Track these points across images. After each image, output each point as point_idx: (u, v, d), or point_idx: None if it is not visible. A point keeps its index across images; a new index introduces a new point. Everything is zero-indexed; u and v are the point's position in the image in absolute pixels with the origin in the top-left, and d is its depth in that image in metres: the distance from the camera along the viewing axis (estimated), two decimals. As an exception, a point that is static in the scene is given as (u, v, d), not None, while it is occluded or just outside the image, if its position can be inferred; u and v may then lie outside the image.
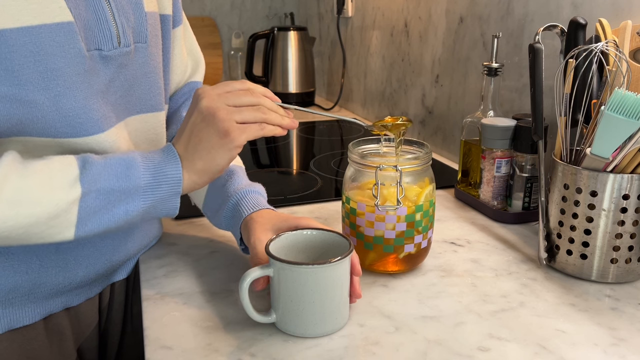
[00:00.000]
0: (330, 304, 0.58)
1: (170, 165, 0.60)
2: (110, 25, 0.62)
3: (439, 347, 0.57)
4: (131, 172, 0.58)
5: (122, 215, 0.58)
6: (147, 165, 0.59)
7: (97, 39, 0.61)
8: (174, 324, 0.61)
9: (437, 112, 1.27)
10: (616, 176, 0.65)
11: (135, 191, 0.58)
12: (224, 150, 0.59)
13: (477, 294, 0.67)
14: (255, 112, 0.60)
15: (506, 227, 0.86)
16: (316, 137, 1.49)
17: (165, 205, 0.60)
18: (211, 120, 0.59)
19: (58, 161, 0.56)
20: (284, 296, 0.58)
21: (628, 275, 0.69)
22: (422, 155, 0.69)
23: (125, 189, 0.57)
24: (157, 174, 0.59)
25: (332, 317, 0.59)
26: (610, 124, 0.63)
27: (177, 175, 0.59)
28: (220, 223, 0.75)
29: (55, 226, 0.55)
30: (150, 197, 0.59)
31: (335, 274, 0.58)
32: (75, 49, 0.58)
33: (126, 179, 0.57)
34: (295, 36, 1.79)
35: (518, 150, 0.85)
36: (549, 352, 0.56)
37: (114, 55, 0.63)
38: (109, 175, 0.57)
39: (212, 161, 0.60)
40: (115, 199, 0.57)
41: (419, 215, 0.68)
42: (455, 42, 1.18)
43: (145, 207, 0.59)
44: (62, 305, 0.69)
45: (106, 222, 0.58)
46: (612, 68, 0.69)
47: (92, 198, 0.56)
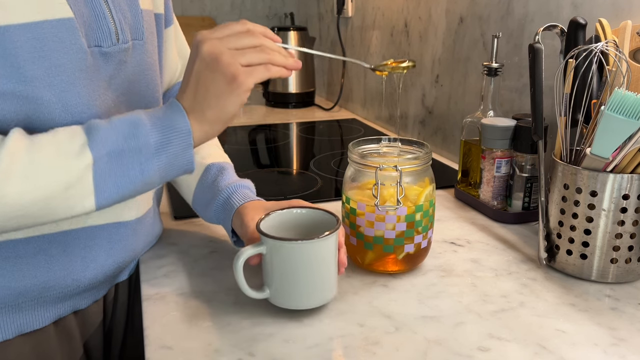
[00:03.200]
0: (321, 277, 0.61)
1: (176, 118, 0.58)
2: (109, 22, 0.62)
3: (439, 347, 0.57)
4: (138, 130, 0.56)
5: (138, 176, 0.56)
6: (154, 123, 0.57)
7: (97, 36, 0.61)
8: (174, 324, 0.61)
9: (437, 112, 1.27)
10: (616, 176, 0.65)
11: (147, 149, 0.56)
12: (233, 96, 0.57)
13: (477, 294, 0.67)
14: (259, 54, 0.58)
15: (506, 227, 0.86)
16: (316, 137, 1.49)
17: (180, 160, 0.59)
18: (216, 66, 0.57)
19: (63, 131, 0.55)
20: (276, 272, 0.60)
21: (628, 275, 0.69)
22: (422, 155, 0.69)
23: (135, 149, 0.56)
24: (165, 129, 0.57)
25: (323, 289, 0.62)
26: (610, 124, 0.63)
27: (185, 128, 0.57)
28: (211, 217, 0.76)
29: (74, 196, 0.54)
30: (163, 155, 0.57)
31: (324, 248, 0.60)
32: (77, 45, 0.58)
33: (134, 138, 0.56)
34: (295, 36, 1.79)
35: (518, 150, 0.85)
36: (549, 352, 0.56)
37: (114, 52, 0.63)
38: (117, 136, 0.55)
39: (223, 108, 0.58)
40: (128, 160, 0.56)
41: (419, 215, 0.68)
42: (455, 42, 1.18)
43: (160, 166, 0.57)
44: (71, 309, 0.69)
45: (124, 185, 0.56)
46: (612, 68, 0.69)
47: (104, 162, 0.54)
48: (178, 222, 0.88)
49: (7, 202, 0.51)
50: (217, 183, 0.76)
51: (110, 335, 0.77)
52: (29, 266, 0.61)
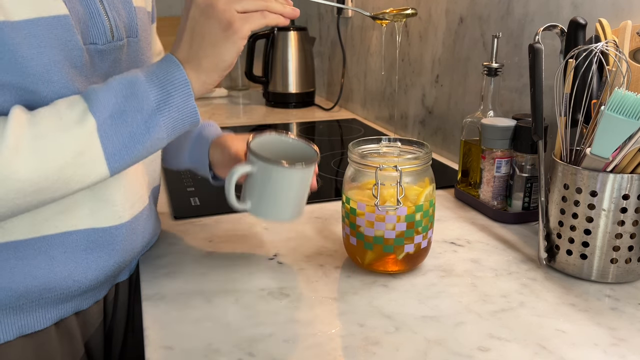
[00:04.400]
0: (298, 198, 0.70)
1: (172, 71, 0.57)
2: (103, 20, 0.62)
3: (439, 347, 0.57)
4: (136, 89, 0.56)
5: (144, 134, 0.57)
6: (150, 79, 0.57)
7: (92, 33, 0.61)
8: (174, 324, 0.61)
9: (437, 112, 1.27)
10: (616, 176, 0.65)
11: (148, 106, 0.56)
12: (229, 44, 0.57)
13: (477, 294, 0.67)
14: (255, 0, 0.58)
15: (506, 227, 0.86)
16: (316, 137, 1.48)
17: (183, 112, 0.58)
18: (211, 13, 0.56)
19: (63, 102, 0.55)
20: (260, 189, 0.68)
21: (628, 275, 0.69)
22: (422, 155, 0.69)
23: (137, 107, 0.56)
24: (162, 83, 0.57)
25: (299, 207, 0.71)
26: (610, 124, 0.63)
27: (182, 78, 0.57)
28: (184, 159, 0.80)
29: (85, 164, 0.54)
30: (165, 109, 0.57)
31: (306, 174, 0.69)
32: (72, 42, 0.58)
33: (134, 97, 0.56)
34: (295, 36, 1.79)
35: (518, 150, 0.85)
36: (549, 352, 0.56)
37: (109, 49, 0.63)
38: (116, 98, 0.55)
39: (219, 56, 0.58)
40: (132, 119, 0.56)
41: (419, 215, 0.68)
42: (455, 42, 1.18)
43: (165, 121, 0.57)
44: (73, 310, 0.68)
45: (133, 145, 0.56)
46: (612, 68, 0.69)
47: (108, 125, 0.55)
48: (178, 222, 0.88)
49: (20, 179, 0.51)
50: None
51: (111, 335, 0.77)
52: (30, 268, 0.61)
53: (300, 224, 0.87)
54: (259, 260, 0.75)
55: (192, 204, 0.95)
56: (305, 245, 0.80)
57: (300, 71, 1.81)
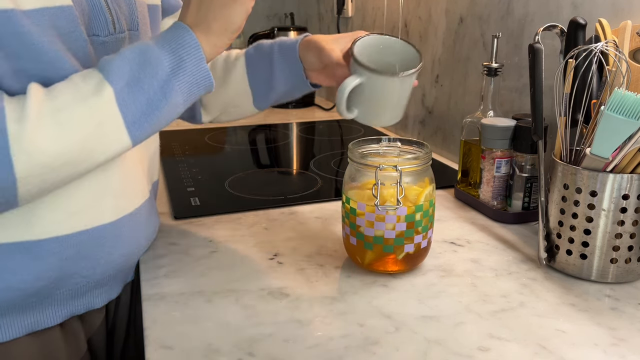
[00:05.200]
0: (406, 100, 0.72)
1: (182, 35, 0.58)
2: (105, 12, 0.62)
3: (439, 347, 0.57)
4: (149, 56, 0.57)
5: (162, 99, 0.57)
6: (162, 45, 0.58)
7: (94, 25, 0.61)
8: (174, 324, 0.61)
9: (437, 112, 1.27)
10: (616, 176, 0.65)
11: (162, 72, 0.57)
12: (237, 5, 0.58)
13: (477, 294, 0.67)
14: None
15: (506, 227, 0.86)
16: (316, 137, 1.48)
17: (197, 76, 0.59)
18: None
19: (78, 75, 0.56)
20: (369, 97, 0.69)
21: (628, 275, 0.69)
22: (422, 155, 0.69)
23: (152, 73, 0.56)
24: (174, 49, 0.58)
25: (403, 109, 0.73)
26: (610, 124, 0.63)
27: (193, 42, 0.58)
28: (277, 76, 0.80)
29: (107, 134, 0.55)
30: (180, 73, 0.58)
31: (414, 78, 0.70)
32: (76, 33, 0.58)
33: (148, 64, 0.56)
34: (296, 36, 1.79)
35: (518, 150, 0.86)
36: (549, 352, 0.56)
37: (111, 42, 0.63)
38: (131, 66, 0.56)
39: (228, 19, 0.59)
40: (148, 86, 0.56)
41: (418, 215, 0.68)
42: (455, 42, 1.18)
43: (180, 86, 0.58)
44: (84, 308, 0.68)
45: (151, 112, 0.57)
46: (612, 68, 0.69)
47: (126, 93, 0.55)
48: (178, 222, 0.88)
49: (44, 151, 0.51)
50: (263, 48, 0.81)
51: (113, 333, 0.77)
52: (43, 268, 0.61)
53: (300, 224, 0.87)
54: (259, 260, 0.75)
55: (192, 204, 0.95)
56: (305, 245, 0.80)
57: (300, 71, 1.81)
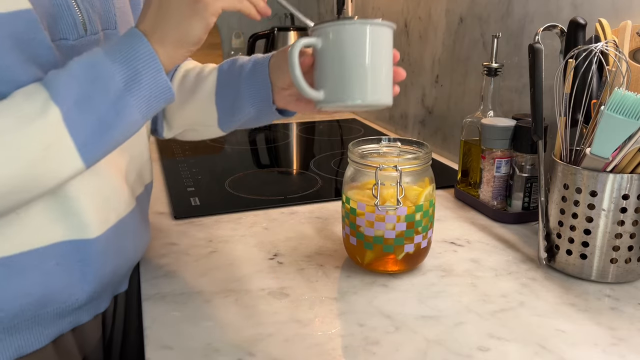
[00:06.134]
0: (380, 69, 0.56)
1: (136, 45, 0.52)
2: (74, 12, 0.57)
3: (438, 347, 0.57)
4: (99, 69, 0.51)
5: (115, 118, 0.51)
6: (113, 57, 0.52)
7: (61, 28, 0.56)
8: (174, 324, 0.61)
9: (437, 112, 1.27)
10: (616, 176, 0.65)
11: (115, 87, 0.51)
12: (197, 19, 0.52)
13: (477, 294, 0.67)
14: None
15: (506, 227, 0.86)
16: (316, 137, 1.48)
17: (155, 89, 0.53)
18: None
19: (20, 93, 0.50)
20: (332, 62, 0.55)
21: (628, 275, 0.69)
22: (422, 155, 0.69)
23: (103, 90, 0.51)
24: (127, 60, 0.52)
25: (383, 84, 0.56)
26: (610, 124, 0.63)
27: (148, 52, 0.52)
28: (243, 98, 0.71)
29: (56, 157, 0.50)
30: (135, 88, 0.52)
31: (384, 36, 0.56)
32: (37, 40, 0.52)
33: (98, 79, 0.51)
34: (295, 36, 1.79)
35: (518, 150, 0.86)
36: (548, 352, 0.56)
37: (82, 45, 0.58)
38: (80, 82, 0.50)
39: (186, 31, 0.53)
40: (99, 103, 0.51)
41: (418, 215, 0.68)
42: (455, 42, 1.18)
43: (136, 102, 0.52)
44: (71, 325, 0.64)
45: (105, 131, 0.52)
46: (612, 68, 0.69)
47: (75, 112, 0.50)
48: (178, 222, 0.88)
49: None
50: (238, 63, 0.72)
51: (110, 346, 0.74)
52: (23, 284, 0.57)
53: (300, 224, 0.87)
54: (259, 260, 0.75)
55: (192, 204, 0.95)
56: (305, 245, 0.80)
57: (300, 71, 1.81)
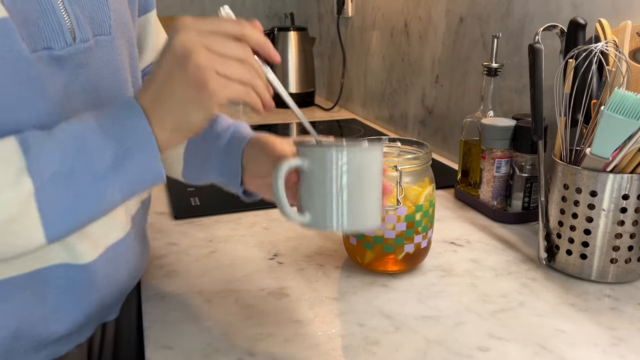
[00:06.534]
0: (368, 194, 0.53)
1: (134, 121, 0.47)
2: (60, 17, 0.50)
3: (439, 347, 0.57)
4: (89, 141, 0.45)
5: (93, 200, 0.46)
6: (107, 130, 0.46)
7: (45, 36, 0.49)
8: (174, 324, 0.61)
9: (437, 112, 1.27)
10: (616, 176, 0.65)
11: (101, 166, 0.45)
12: (199, 107, 0.47)
13: (477, 294, 0.67)
14: (243, 70, 0.47)
15: (506, 227, 0.86)
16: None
17: (145, 172, 0.48)
18: (185, 64, 0.45)
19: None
20: (320, 189, 0.51)
21: (628, 275, 0.69)
22: (422, 155, 0.69)
23: (87, 166, 0.45)
24: (121, 136, 0.46)
25: (370, 208, 0.53)
26: (610, 124, 0.63)
27: (145, 133, 0.47)
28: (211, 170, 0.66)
29: (18, 232, 0.44)
30: (122, 170, 0.46)
31: (372, 160, 0.53)
32: (13, 53, 0.46)
33: (86, 151, 0.45)
34: (295, 36, 1.79)
35: (518, 150, 0.86)
36: (548, 351, 0.56)
37: (69, 54, 0.51)
38: (62, 154, 0.45)
39: (184, 118, 0.47)
40: (79, 182, 0.45)
41: (418, 215, 0.68)
42: (455, 42, 1.18)
43: (121, 184, 0.47)
44: (48, 358, 0.57)
45: (78, 212, 0.46)
46: (612, 68, 0.69)
47: (49, 188, 0.44)
48: (178, 222, 0.88)
49: None
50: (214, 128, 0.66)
51: None
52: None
53: (300, 224, 0.87)
54: (259, 260, 0.75)
55: (192, 204, 0.95)
56: (305, 245, 0.80)
57: (300, 71, 1.81)
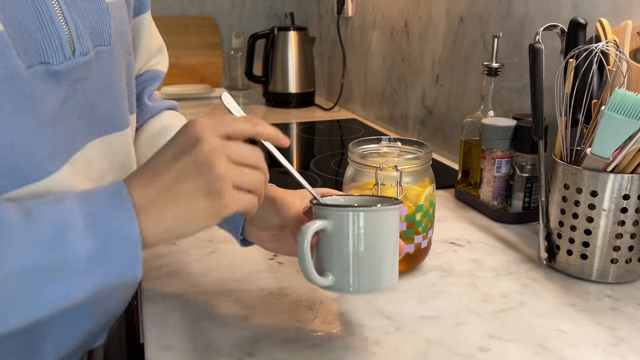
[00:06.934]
0: (388, 253, 0.52)
1: (122, 222, 0.43)
2: (59, 28, 0.46)
3: (439, 347, 0.57)
4: (68, 238, 0.41)
5: (59, 299, 0.42)
6: (89, 223, 0.42)
7: (42, 50, 0.45)
8: (174, 324, 0.61)
9: (437, 112, 1.27)
10: (616, 176, 0.65)
11: (74, 264, 0.41)
12: (207, 215, 0.46)
13: (477, 294, 0.67)
14: (255, 180, 0.47)
15: (506, 227, 0.86)
16: (316, 137, 1.48)
17: (121, 277, 0.44)
18: (206, 174, 0.44)
19: None
20: (341, 249, 0.51)
21: (628, 275, 0.69)
22: (422, 155, 0.69)
23: (59, 265, 0.41)
24: (103, 234, 0.42)
25: (390, 268, 0.53)
26: (611, 124, 0.63)
27: (132, 238, 0.43)
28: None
29: None
30: (98, 271, 0.42)
31: (393, 220, 0.53)
32: (7, 70, 0.42)
33: (60, 249, 0.41)
34: (295, 36, 1.79)
35: (518, 150, 0.85)
36: (549, 352, 0.56)
37: (67, 69, 0.47)
38: (35, 246, 0.40)
39: (189, 222, 0.46)
40: (46, 279, 0.41)
41: (419, 216, 0.68)
42: (456, 42, 1.18)
43: (91, 283, 0.43)
44: None
45: (39, 309, 0.42)
46: (613, 68, 0.69)
47: (12, 281, 0.40)
48: (178, 222, 0.88)
49: None
50: None
51: None
52: None
53: (300, 224, 0.87)
54: (259, 260, 0.75)
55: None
56: (305, 245, 0.80)
57: (300, 71, 1.81)
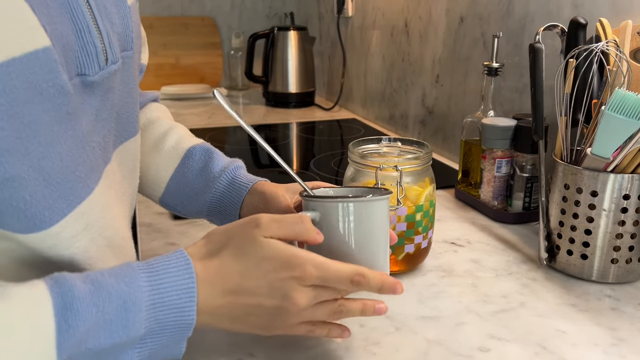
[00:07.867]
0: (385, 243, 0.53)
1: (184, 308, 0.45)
2: (94, 37, 0.44)
3: (439, 347, 0.57)
4: (129, 320, 0.42)
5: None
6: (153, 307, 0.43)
7: (81, 60, 0.43)
8: (174, 324, 0.61)
9: (437, 112, 1.27)
10: (617, 176, 0.65)
11: (131, 342, 0.43)
12: (256, 330, 0.50)
13: (477, 294, 0.67)
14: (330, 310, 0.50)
15: (506, 227, 0.86)
16: (316, 137, 1.48)
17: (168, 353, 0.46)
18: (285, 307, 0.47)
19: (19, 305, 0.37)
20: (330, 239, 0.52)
21: (628, 275, 0.69)
22: (423, 155, 0.69)
23: (119, 345, 0.42)
24: (164, 319, 0.44)
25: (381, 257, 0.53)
26: (611, 124, 0.63)
27: (189, 320, 0.45)
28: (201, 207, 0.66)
29: None
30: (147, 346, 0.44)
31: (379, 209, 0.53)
32: (55, 87, 0.40)
33: (124, 331, 0.42)
34: (295, 36, 1.79)
35: (518, 150, 0.85)
36: (549, 352, 0.56)
37: (101, 79, 0.46)
38: (104, 333, 0.41)
39: (236, 329, 0.49)
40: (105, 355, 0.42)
41: (419, 216, 0.68)
42: (456, 42, 1.18)
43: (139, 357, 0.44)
44: None
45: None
46: (613, 68, 0.69)
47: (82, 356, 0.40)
48: (178, 222, 0.88)
49: None
50: (210, 168, 0.66)
51: None
52: None
53: (300, 224, 0.87)
54: (259, 260, 0.75)
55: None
56: (305, 245, 0.80)
57: (300, 71, 1.81)
